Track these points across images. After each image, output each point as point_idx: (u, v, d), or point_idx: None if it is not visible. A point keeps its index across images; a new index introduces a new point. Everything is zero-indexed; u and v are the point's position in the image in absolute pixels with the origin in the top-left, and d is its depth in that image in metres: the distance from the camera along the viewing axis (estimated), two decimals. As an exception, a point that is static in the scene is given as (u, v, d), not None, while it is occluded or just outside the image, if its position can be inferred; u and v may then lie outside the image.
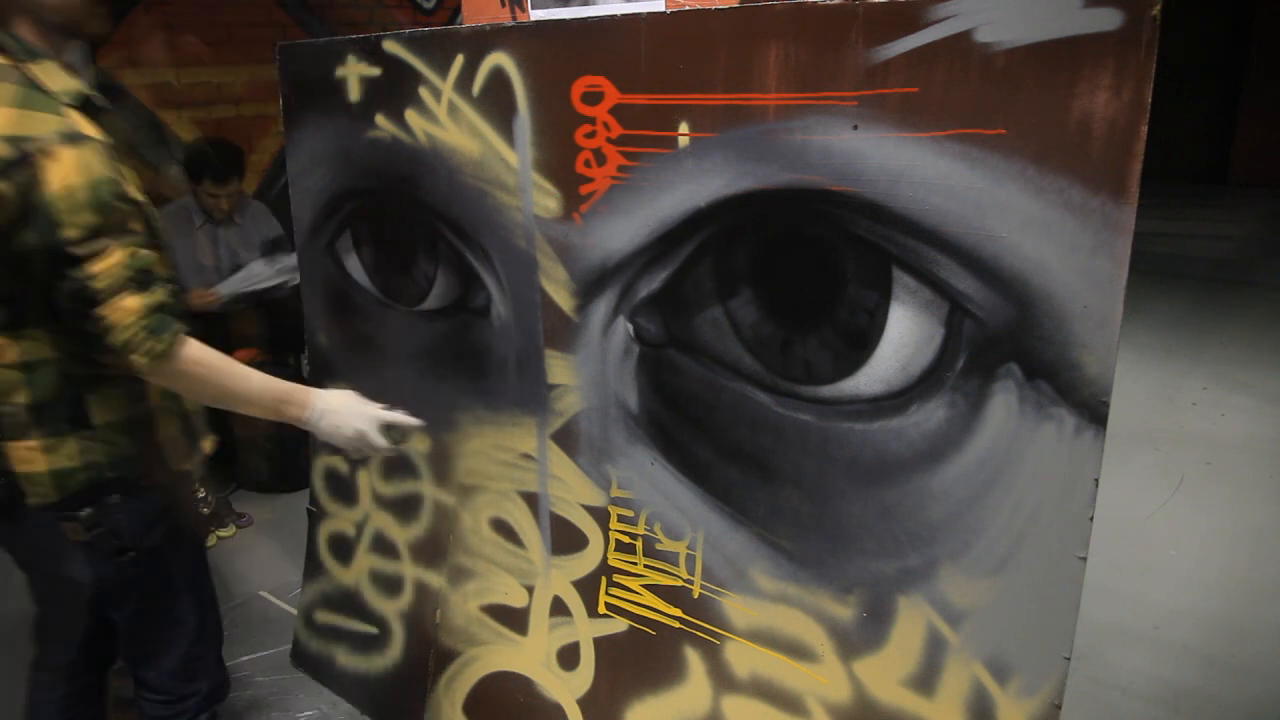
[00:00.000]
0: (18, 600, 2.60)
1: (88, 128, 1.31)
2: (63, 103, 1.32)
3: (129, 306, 1.32)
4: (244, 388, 1.47)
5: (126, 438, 1.46)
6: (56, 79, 1.34)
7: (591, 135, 1.58)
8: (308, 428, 1.55)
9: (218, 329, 3.44)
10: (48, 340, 1.37)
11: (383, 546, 2.20)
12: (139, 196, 1.39)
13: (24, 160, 1.24)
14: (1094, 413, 1.23)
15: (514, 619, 1.96)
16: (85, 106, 1.35)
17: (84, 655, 1.73)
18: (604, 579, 1.81)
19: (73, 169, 1.26)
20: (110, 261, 1.29)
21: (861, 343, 1.40)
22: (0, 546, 1.58)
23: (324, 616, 2.36)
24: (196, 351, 1.41)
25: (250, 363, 1.50)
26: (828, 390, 1.45)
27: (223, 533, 3.20)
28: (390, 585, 2.19)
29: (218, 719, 1.77)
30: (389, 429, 1.61)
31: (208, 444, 1.65)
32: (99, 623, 1.64)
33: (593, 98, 1.57)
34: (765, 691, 1.62)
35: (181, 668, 1.65)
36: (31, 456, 1.41)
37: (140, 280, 1.33)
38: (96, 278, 1.29)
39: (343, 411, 1.56)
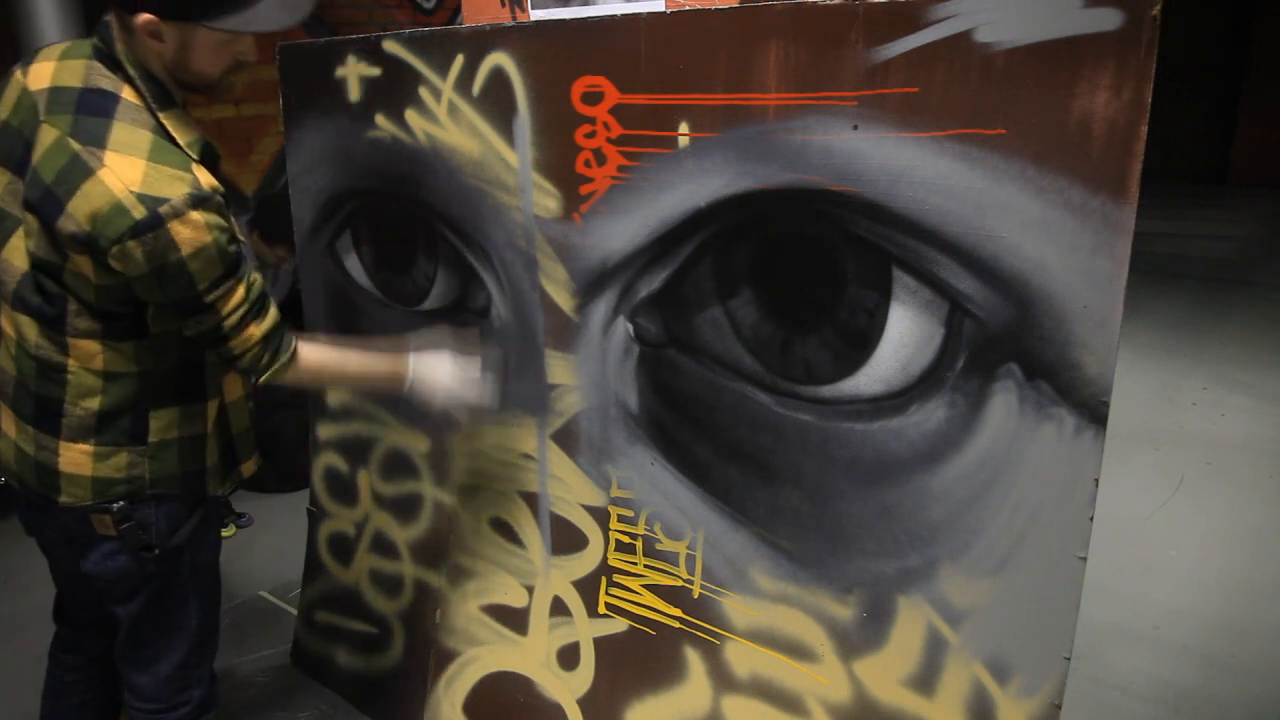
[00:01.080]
0: (26, 593, 2.60)
1: (209, 179, 1.36)
2: (190, 157, 1.36)
3: (252, 335, 1.42)
4: (353, 373, 1.63)
5: (174, 457, 1.50)
6: (183, 130, 1.38)
7: (591, 135, 1.58)
8: (409, 397, 1.65)
9: None
10: (132, 354, 1.42)
11: (383, 546, 2.20)
12: (237, 227, 1.44)
13: (157, 223, 1.27)
14: (1094, 413, 1.23)
15: (514, 619, 1.96)
16: (205, 154, 1.40)
17: (105, 639, 1.74)
18: (604, 579, 1.81)
19: (204, 230, 1.31)
20: (235, 299, 1.38)
21: (861, 343, 1.40)
22: (29, 533, 1.61)
23: (324, 616, 2.36)
24: (308, 356, 1.52)
25: None
26: (828, 390, 1.45)
27: (223, 533, 3.20)
28: (390, 585, 2.19)
29: None
30: (481, 373, 1.70)
31: (249, 467, 1.68)
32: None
33: (593, 98, 1.57)
34: (765, 691, 1.62)
35: (177, 674, 1.64)
36: (80, 460, 1.43)
37: (259, 307, 1.43)
38: (227, 317, 1.38)
39: (430, 380, 1.65)
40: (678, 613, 1.72)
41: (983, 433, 1.32)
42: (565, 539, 1.86)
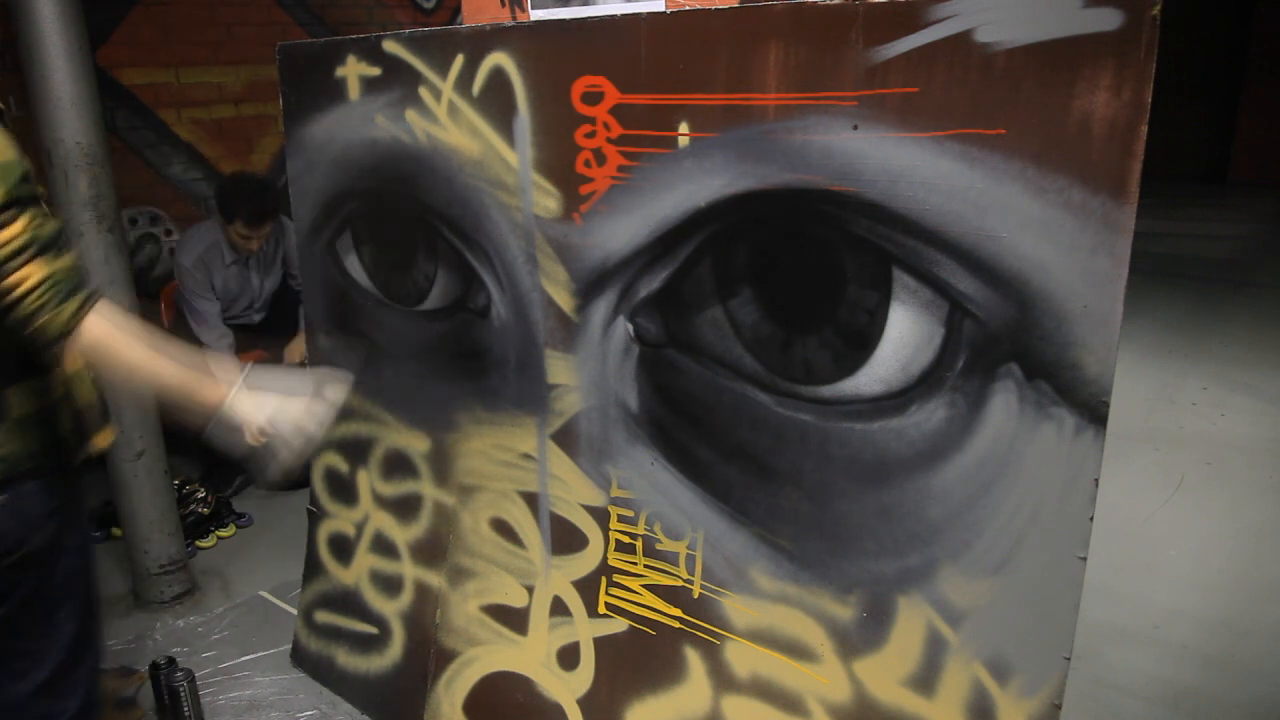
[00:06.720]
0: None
1: None
2: None
3: (29, 274, 1.28)
4: (148, 370, 1.37)
5: (36, 430, 1.44)
6: None
7: (591, 135, 1.58)
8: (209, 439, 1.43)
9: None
10: None
11: (383, 546, 2.20)
12: (43, 190, 1.37)
13: None
14: (1094, 413, 1.23)
15: (514, 619, 1.96)
16: None
17: None
18: (604, 579, 1.81)
19: None
20: (15, 229, 1.27)
21: (861, 343, 1.40)
22: None
23: (324, 616, 2.36)
24: (97, 327, 1.33)
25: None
26: (828, 390, 1.45)
27: (223, 533, 3.20)
28: (390, 585, 2.19)
29: None
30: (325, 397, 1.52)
31: (102, 439, 1.58)
32: None
33: (593, 98, 1.57)
34: (765, 691, 1.62)
35: (48, 682, 1.52)
36: None
37: (45, 248, 1.30)
38: (2, 246, 1.27)
39: (251, 416, 1.43)
40: (678, 613, 1.72)
41: (983, 433, 1.32)
42: (565, 539, 1.86)
